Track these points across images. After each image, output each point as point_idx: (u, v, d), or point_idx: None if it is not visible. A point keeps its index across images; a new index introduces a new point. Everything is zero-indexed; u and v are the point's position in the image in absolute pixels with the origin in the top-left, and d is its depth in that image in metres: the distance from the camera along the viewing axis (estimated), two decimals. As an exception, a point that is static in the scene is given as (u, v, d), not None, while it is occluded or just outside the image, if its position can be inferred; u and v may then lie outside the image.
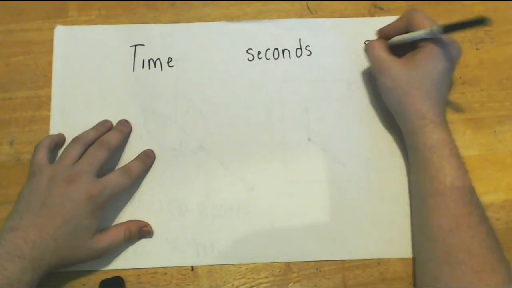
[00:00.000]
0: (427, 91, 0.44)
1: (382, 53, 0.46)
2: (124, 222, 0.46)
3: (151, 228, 0.47)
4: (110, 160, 0.46)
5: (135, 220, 0.47)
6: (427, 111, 0.43)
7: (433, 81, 0.44)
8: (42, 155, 0.45)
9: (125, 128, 0.49)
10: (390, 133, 0.50)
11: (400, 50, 0.47)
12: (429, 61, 0.44)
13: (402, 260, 0.47)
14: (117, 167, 0.48)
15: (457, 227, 0.40)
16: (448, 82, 0.46)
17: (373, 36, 0.52)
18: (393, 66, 0.45)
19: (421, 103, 0.43)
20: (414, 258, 0.46)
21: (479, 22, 0.40)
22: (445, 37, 0.44)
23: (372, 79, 0.51)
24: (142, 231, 0.46)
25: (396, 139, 0.50)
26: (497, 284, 0.38)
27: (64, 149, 0.46)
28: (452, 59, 0.45)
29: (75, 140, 0.46)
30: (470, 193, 0.42)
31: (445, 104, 0.46)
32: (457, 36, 0.52)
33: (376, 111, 0.50)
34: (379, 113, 0.50)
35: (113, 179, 0.44)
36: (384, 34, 0.48)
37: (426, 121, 0.43)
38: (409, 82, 0.44)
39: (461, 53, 0.45)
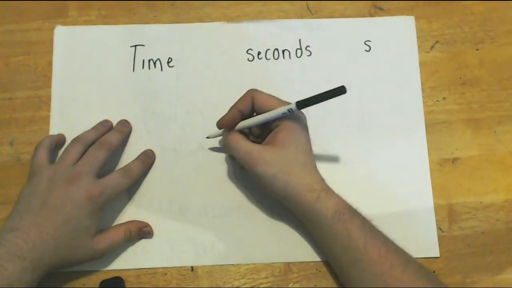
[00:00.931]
0: (305, 164, 0.43)
1: (248, 144, 0.43)
2: (124, 223, 0.46)
3: (151, 228, 0.47)
4: (110, 160, 0.46)
5: (135, 221, 0.47)
6: (314, 183, 0.42)
7: (304, 152, 0.43)
8: (42, 155, 0.45)
9: (125, 128, 0.49)
10: (390, 133, 0.50)
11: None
12: (294, 135, 0.43)
13: (402, 260, 0.47)
14: (117, 167, 0.48)
15: (385, 286, 0.39)
16: (311, 147, 0.44)
17: (373, 36, 0.52)
18: (266, 152, 0.42)
19: (305, 177, 0.42)
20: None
21: (338, 92, 0.39)
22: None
23: (372, 79, 0.51)
24: (142, 231, 0.46)
25: (396, 138, 0.50)
26: None
27: (65, 149, 0.46)
28: (306, 124, 0.44)
29: (75, 140, 0.46)
30: (385, 244, 0.40)
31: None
32: (458, 36, 0.53)
33: (376, 110, 0.50)
34: (379, 112, 0.50)
35: (113, 180, 0.44)
36: (230, 122, 0.44)
37: (317, 192, 0.42)
38: (287, 162, 0.42)
39: (305, 116, 0.45)
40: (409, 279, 0.39)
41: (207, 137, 0.48)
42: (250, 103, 0.44)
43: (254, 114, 0.45)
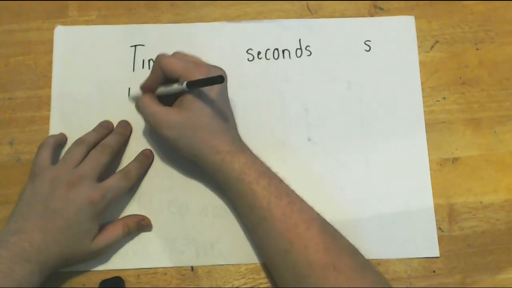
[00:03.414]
0: (209, 126, 0.43)
1: (154, 107, 0.44)
2: (122, 218, 0.46)
3: (149, 221, 0.47)
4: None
5: (132, 215, 0.47)
6: (219, 145, 0.43)
7: (210, 114, 0.43)
8: (46, 155, 0.45)
9: (126, 131, 0.49)
10: (390, 133, 0.50)
11: (172, 98, 0.45)
12: (200, 99, 0.43)
13: (402, 260, 0.47)
14: (117, 167, 0.48)
15: (290, 245, 0.39)
16: (226, 105, 0.45)
17: (373, 36, 0.52)
18: (169, 115, 0.43)
19: (210, 140, 0.43)
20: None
21: (216, 80, 0.39)
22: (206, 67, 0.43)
23: (372, 79, 0.51)
24: (140, 224, 0.46)
25: (396, 138, 0.50)
26: (342, 278, 0.38)
27: (67, 151, 0.46)
28: (217, 88, 0.44)
29: (77, 142, 0.46)
30: (291, 203, 0.41)
31: (235, 126, 0.46)
32: (458, 37, 0.53)
33: (376, 110, 0.50)
34: (379, 112, 0.50)
35: (114, 184, 0.44)
36: (148, 87, 0.46)
37: (222, 154, 0.42)
38: (190, 126, 0.42)
39: (225, 72, 0.44)
40: (312, 236, 0.40)
41: (129, 99, 0.50)
42: (161, 70, 0.44)
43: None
